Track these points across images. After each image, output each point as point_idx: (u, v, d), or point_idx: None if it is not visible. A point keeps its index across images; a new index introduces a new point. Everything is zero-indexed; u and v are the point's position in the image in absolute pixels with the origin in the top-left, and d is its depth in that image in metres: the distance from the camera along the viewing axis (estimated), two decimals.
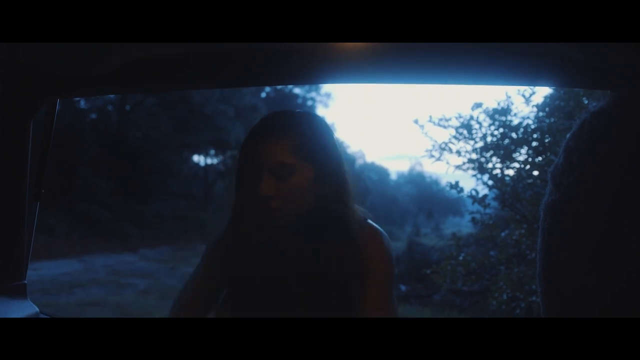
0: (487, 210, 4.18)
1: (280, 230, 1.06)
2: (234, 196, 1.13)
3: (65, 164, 13.00)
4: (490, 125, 4.20)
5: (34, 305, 1.14)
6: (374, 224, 1.14)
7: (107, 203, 15.04)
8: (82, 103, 16.54)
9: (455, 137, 4.27)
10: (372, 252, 1.08)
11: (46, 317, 1.18)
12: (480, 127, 4.21)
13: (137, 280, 8.89)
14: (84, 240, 13.07)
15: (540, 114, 4.17)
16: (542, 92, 4.23)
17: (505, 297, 4.12)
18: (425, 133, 4.37)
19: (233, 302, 1.14)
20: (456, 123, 4.26)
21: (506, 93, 4.20)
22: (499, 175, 4.12)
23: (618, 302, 0.43)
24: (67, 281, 8.39)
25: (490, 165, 4.18)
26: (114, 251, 12.64)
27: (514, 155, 4.10)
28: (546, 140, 3.90)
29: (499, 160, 4.15)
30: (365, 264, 1.07)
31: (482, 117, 4.21)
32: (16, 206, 1.10)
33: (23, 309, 1.10)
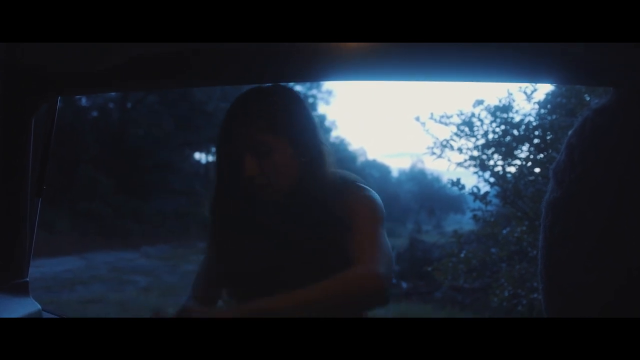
0: (489, 208, 4.18)
1: (268, 205, 1.08)
2: (216, 180, 1.13)
3: (66, 161, 13.01)
4: (491, 122, 4.19)
5: (36, 303, 1.14)
6: (363, 185, 1.14)
7: (108, 200, 15.05)
8: (83, 101, 16.54)
9: (456, 134, 4.26)
10: (354, 202, 1.09)
11: (49, 315, 1.18)
12: (481, 124, 4.20)
13: (138, 277, 8.90)
14: (86, 238, 13.08)
15: (542, 111, 4.16)
16: (543, 89, 4.21)
17: (506, 294, 4.12)
18: (427, 130, 4.36)
19: (232, 282, 1.15)
20: (458, 120, 4.25)
21: (508, 90, 4.19)
22: (501, 173, 4.11)
23: (619, 299, 0.43)
24: (69, 278, 8.40)
25: (491, 162, 4.17)
26: (115, 248, 12.64)
27: (516, 152, 4.09)
28: (548, 138, 3.89)
29: (500, 157, 4.14)
30: (348, 216, 1.07)
31: (483, 114, 4.20)
32: (18, 204, 1.10)
33: (25, 306, 1.10)
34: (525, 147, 4.09)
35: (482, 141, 4.20)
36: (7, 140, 1.07)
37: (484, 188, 4.11)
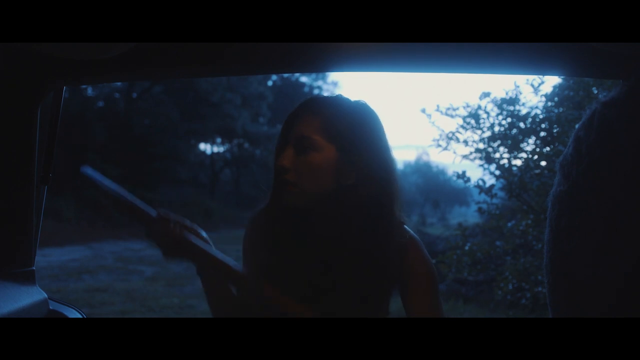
0: (494, 201, 4.17)
1: (302, 212, 1.04)
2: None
3: (73, 151, 13.07)
4: (498, 114, 4.17)
5: (43, 292, 1.15)
6: (411, 232, 1.09)
7: None
8: (90, 91, 16.59)
9: (462, 126, 4.25)
10: (412, 259, 1.05)
11: (55, 304, 1.19)
12: (488, 117, 4.18)
13: (144, 267, 8.96)
14: (92, 227, 13.18)
15: (549, 103, 4.14)
16: (551, 82, 4.18)
17: (510, 287, 4.12)
18: (433, 122, 4.35)
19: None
20: (464, 112, 4.24)
21: (515, 82, 4.17)
22: (506, 165, 4.10)
23: (626, 294, 0.43)
24: (76, 267, 8.48)
25: (497, 155, 4.16)
26: (122, 238, 12.73)
27: (522, 145, 4.08)
28: (554, 131, 3.87)
29: (506, 150, 4.13)
30: (404, 272, 1.04)
31: (490, 106, 4.18)
32: (24, 192, 1.10)
33: (31, 295, 1.11)
34: (531, 140, 4.08)
35: (488, 134, 4.18)
36: (13, 128, 1.08)
37: (490, 181, 4.10)
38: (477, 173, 4.14)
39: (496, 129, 4.17)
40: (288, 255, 1.04)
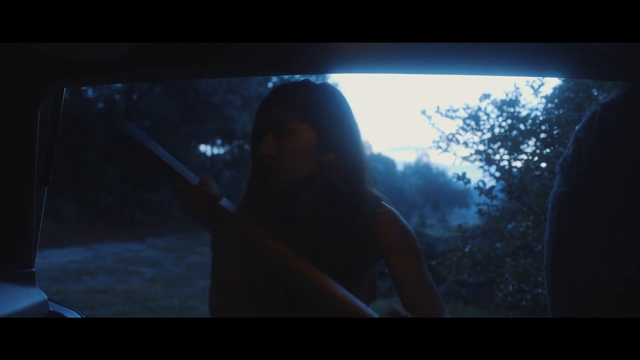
0: (494, 202, 4.18)
1: (285, 197, 1.06)
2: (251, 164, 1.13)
3: (74, 152, 13.09)
4: (498, 116, 4.18)
5: (43, 293, 1.15)
6: (389, 206, 1.12)
7: (115, 190, 15.14)
8: (90, 92, 16.60)
9: (462, 128, 4.25)
10: (391, 231, 1.08)
11: (55, 306, 1.19)
12: (488, 119, 4.18)
13: (144, 268, 8.96)
14: (93, 228, 13.18)
15: (549, 105, 4.14)
16: (551, 84, 4.19)
17: (511, 289, 4.12)
18: (433, 124, 4.35)
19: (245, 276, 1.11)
20: (464, 114, 4.24)
21: (515, 84, 4.17)
22: (507, 167, 4.10)
23: (626, 296, 0.43)
24: (76, 269, 8.47)
25: (497, 156, 4.16)
26: (122, 239, 12.73)
27: (522, 146, 4.08)
28: (554, 132, 3.87)
29: (506, 151, 4.13)
30: (383, 244, 1.06)
31: (490, 108, 4.19)
32: (24, 193, 1.10)
33: (31, 296, 1.11)
34: (531, 142, 4.08)
35: (488, 135, 4.19)
36: (14, 129, 1.08)
37: (490, 182, 4.11)
38: (477, 175, 4.14)
39: (496, 130, 4.17)
40: (276, 236, 1.05)
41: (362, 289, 1.07)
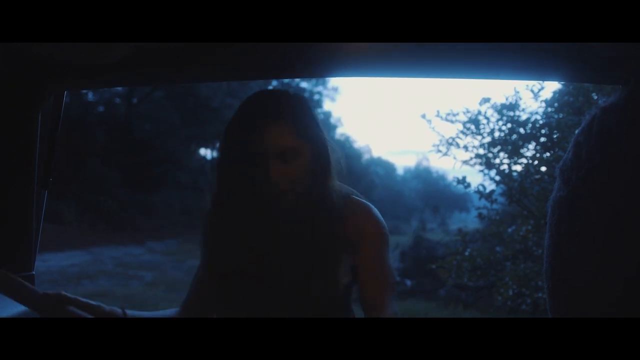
0: (494, 206, 4.17)
1: (278, 210, 1.06)
2: (223, 182, 1.08)
3: (74, 155, 13.09)
4: (498, 120, 4.18)
5: None
6: (360, 199, 1.13)
7: (115, 194, 15.14)
8: (90, 96, 16.62)
9: (462, 132, 4.25)
10: (360, 223, 1.09)
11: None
12: (488, 122, 4.18)
13: (144, 272, 8.94)
14: (93, 231, 13.17)
15: (549, 109, 4.14)
16: (550, 88, 4.19)
17: (511, 293, 4.11)
18: (433, 128, 4.35)
19: (226, 282, 1.12)
20: (464, 118, 4.24)
21: (514, 88, 4.17)
22: (507, 171, 4.10)
23: (625, 300, 0.43)
24: (75, 272, 8.46)
25: (497, 160, 4.16)
26: (122, 243, 12.71)
27: (522, 150, 4.08)
28: (554, 136, 3.88)
29: (506, 155, 4.13)
30: (353, 236, 1.08)
31: (490, 112, 4.19)
32: (24, 196, 1.10)
33: None
34: (531, 146, 4.08)
35: (488, 139, 4.19)
36: (14, 132, 1.08)
37: (490, 186, 4.10)
38: (477, 178, 4.15)
39: (496, 134, 4.17)
40: (252, 240, 1.06)
41: (340, 291, 1.09)
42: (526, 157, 4.05)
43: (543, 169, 3.91)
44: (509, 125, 4.12)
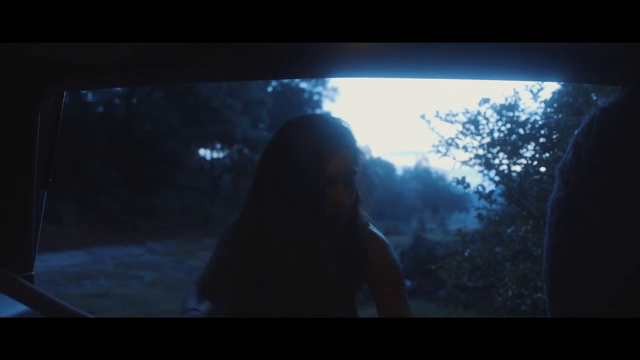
0: (494, 207, 4.17)
1: (329, 226, 1.10)
2: (281, 199, 1.08)
3: (74, 155, 13.09)
4: (497, 120, 4.18)
5: None
6: (374, 229, 1.17)
7: (115, 194, 15.15)
8: (90, 96, 16.62)
9: (462, 132, 4.25)
10: (378, 259, 1.13)
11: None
12: (487, 123, 4.18)
13: (144, 272, 8.94)
14: (93, 232, 13.18)
15: (548, 109, 4.14)
16: (550, 88, 4.19)
17: (510, 293, 4.11)
18: (432, 128, 4.35)
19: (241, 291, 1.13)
20: (463, 118, 4.24)
21: (514, 89, 4.17)
22: (506, 171, 4.10)
23: (625, 301, 0.43)
24: (75, 272, 8.46)
25: (497, 161, 4.16)
26: (122, 243, 12.72)
27: (521, 151, 4.08)
28: (554, 137, 3.88)
29: (505, 156, 4.13)
30: (371, 271, 1.12)
31: (489, 112, 4.18)
32: (24, 196, 1.10)
33: None
34: (530, 146, 4.08)
35: (487, 140, 4.18)
36: (14, 133, 1.08)
37: (489, 187, 4.10)
38: (476, 179, 4.16)
39: (495, 135, 4.17)
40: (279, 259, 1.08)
41: (355, 299, 1.14)
42: (525, 158, 4.05)
43: (542, 169, 3.91)
44: (509, 125, 4.12)
